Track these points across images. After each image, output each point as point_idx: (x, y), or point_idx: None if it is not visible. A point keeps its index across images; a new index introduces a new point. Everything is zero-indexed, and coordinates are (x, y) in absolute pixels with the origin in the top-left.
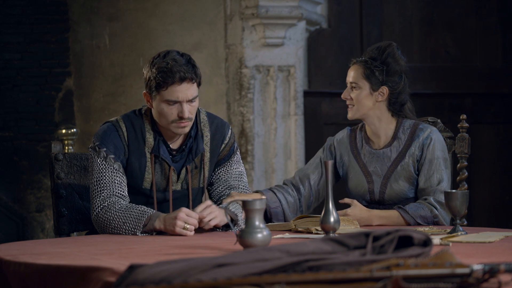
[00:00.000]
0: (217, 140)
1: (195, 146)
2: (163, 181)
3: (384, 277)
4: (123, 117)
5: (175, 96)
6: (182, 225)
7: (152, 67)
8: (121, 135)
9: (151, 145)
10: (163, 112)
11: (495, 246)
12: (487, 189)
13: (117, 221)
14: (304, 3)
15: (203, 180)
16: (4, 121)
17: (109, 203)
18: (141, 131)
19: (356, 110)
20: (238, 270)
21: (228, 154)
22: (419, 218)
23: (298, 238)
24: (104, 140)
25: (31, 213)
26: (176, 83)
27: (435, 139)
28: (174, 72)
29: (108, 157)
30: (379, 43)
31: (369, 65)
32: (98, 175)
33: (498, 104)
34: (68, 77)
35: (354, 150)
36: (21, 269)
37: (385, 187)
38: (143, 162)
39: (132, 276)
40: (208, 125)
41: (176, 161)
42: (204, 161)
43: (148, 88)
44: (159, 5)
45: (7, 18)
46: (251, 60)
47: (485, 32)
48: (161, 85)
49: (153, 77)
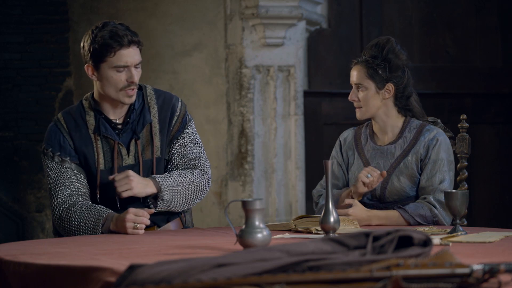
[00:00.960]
0: (165, 111)
1: (142, 118)
2: (113, 158)
3: (384, 277)
4: (63, 111)
5: (123, 61)
6: (132, 226)
7: (94, 37)
8: (61, 129)
9: (92, 126)
10: (112, 80)
11: (495, 246)
12: (487, 189)
13: (78, 221)
14: (304, 3)
15: (156, 151)
16: (4, 121)
17: (69, 204)
18: (81, 116)
19: (365, 111)
20: (238, 270)
21: (181, 125)
22: (419, 217)
23: (298, 238)
24: (48, 140)
25: (31, 213)
26: (124, 47)
27: (441, 140)
28: (121, 36)
29: (55, 156)
30: (377, 40)
31: (371, 64)
32: (51, 177)
33: (498, 104)
34: (68, 77)
35: (359, 146)
36: (21, 269)
37: (386, 183)
38: (89, 145)
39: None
40: (154, 99)
41: (122, 135)
42: (154, 131)
43: (92, 60)
44: (159, 5)
45: (7, 18)
46: (251, 60)
47: (485, 32)
48: (108, 52)
49: (98, 46)
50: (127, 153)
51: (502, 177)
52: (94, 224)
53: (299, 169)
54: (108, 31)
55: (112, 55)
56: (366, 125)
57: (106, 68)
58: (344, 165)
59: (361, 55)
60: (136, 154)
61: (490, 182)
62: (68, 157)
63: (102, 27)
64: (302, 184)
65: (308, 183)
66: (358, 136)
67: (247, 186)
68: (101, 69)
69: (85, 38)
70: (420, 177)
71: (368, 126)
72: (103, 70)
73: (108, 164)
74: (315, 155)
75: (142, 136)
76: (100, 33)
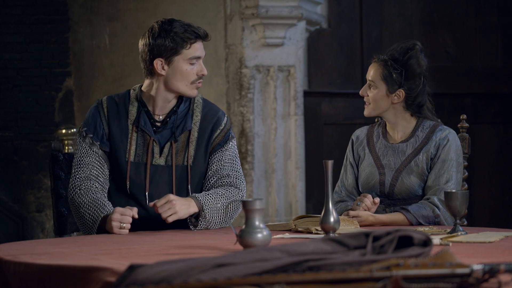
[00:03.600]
0: (207, 121)
1: (183, 123)
2: (145, 153)
3: (384, 277)
4: (109, 95)
5: (198, 53)
6: (118, 225)
7: (167, 31)
8: (101, 112)
9: (133, 117)
10: (185, 72)
11: (495, 246)
12: (487, 189)
13: (83, 210)
14: (304, 3)
15: (187, 159)
16: (4, 121)
17: (85, 188)
18: (124, 104)
19: (372, 109)
20: (238, 270)
21: (223, 140)
22: (421, 218)
23: (298, 238)
24: (87, 121)
25: (31, 213)
26: (198, 39)
27: (452, 141)
28: (196, 28)
29: (87, 136)
30: (405, 42)
31: (388, 67)
32: (77, 155)
33: (498, 104)
34: (68, 77)
35: (370, 143)
36: (21, 269)
37: (396, 180)
38: (125, 133)
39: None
40: (201, 107)
41: (159, 133)
42: (191, 139)
43: (164, 53)
44: (159, 5)
45: (7, 18)
46: (251, 60)
47: (485, 32)
48: (185, 43)
49: (174, 39)
50: (159, 153)
51: (502, 177)
52: (93, 221)
53: (299, 169)
54: (181, 25)
55: (188, 47)
56: (379, 124)
57: (181, 61)
58: (355, 165)
59: (384, 53)
60: (168, 157)
61: (490, 182)
62: (99, 142)
63: (169, 22)
64: (302, 184)
65: (308, 183)
66: (371, 134)
67: (247, 186)
68: (174, 62)
69: (151, 34)
70: (428, 176)
71: (381, 125)
72: (176, 63)
73: (138, 158)
74: (315, 155)
75: (179, 141)
76: (172, 27)
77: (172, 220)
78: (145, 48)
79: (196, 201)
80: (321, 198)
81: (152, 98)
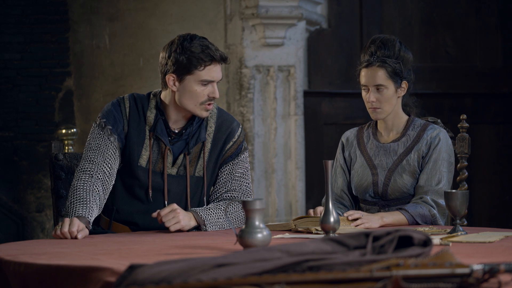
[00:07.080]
0: (222, 133)
1: (197, 134)
2: (159, 161)
3: (384, 277)
4: (130, 94)
5: (211, 76)
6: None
7: (184, 48)
8: (123, 110)
9: (150, 124)
10: (195, 93)
11: (495, 246)
12: (487, 189)
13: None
14: (304, 3)
15: (199, 170)
16: (4, 121)
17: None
18: (143, 108)
19: (383, 111)
20: (238, 270)
21: (235, 152)
22: (419, 217)
23: (298, 238)
24: (106, 113)
25: (31, 213)
26: (214, 62)
27: (443, 140)
28: (214, 51)
29: (106, 127)
30: (379, 38)
31: (389, 64)
32: (91, 142)
33: (498, 104)
34: (68, 77)
35: (361, 144)
36: (21, 269)
37: (389, 180)
38: (141, 137)
39: (132, 276)
40: (215, 117)
41: (173, 143)
42: (204, 151)
43: (177, 71)
44: (159, 5)
45: (7, 18)
46: (251, 60)
47: (485, 32)
48: (199, 64)
49: (189, 57)
50: (171, 163)
51: (502, 177)
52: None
53: (299, 169)
54: (199, 45)
55: (201, 68)
56: (369, 125)
57: (192, 81)
58: (346, 168)
59: (364, 54)
60: (181, 167)
61: (490, 182)
62: (116, 135)
63: (190, 39)
64: (302, 184)
65: (308, 183)
66: (361, 135)
67: None
68: (185, 81)
69: (170, 48)
70: (419, 175)
71: (371, 125)
72: (187, 82)
73: (153, 165)
74: (315, 155)
75: (192, 152)
76: (190, 45)
77: (175, 229)
78: (162, 61)
79: (197, 215)
80: (321, 198)
81: (167, 108)
